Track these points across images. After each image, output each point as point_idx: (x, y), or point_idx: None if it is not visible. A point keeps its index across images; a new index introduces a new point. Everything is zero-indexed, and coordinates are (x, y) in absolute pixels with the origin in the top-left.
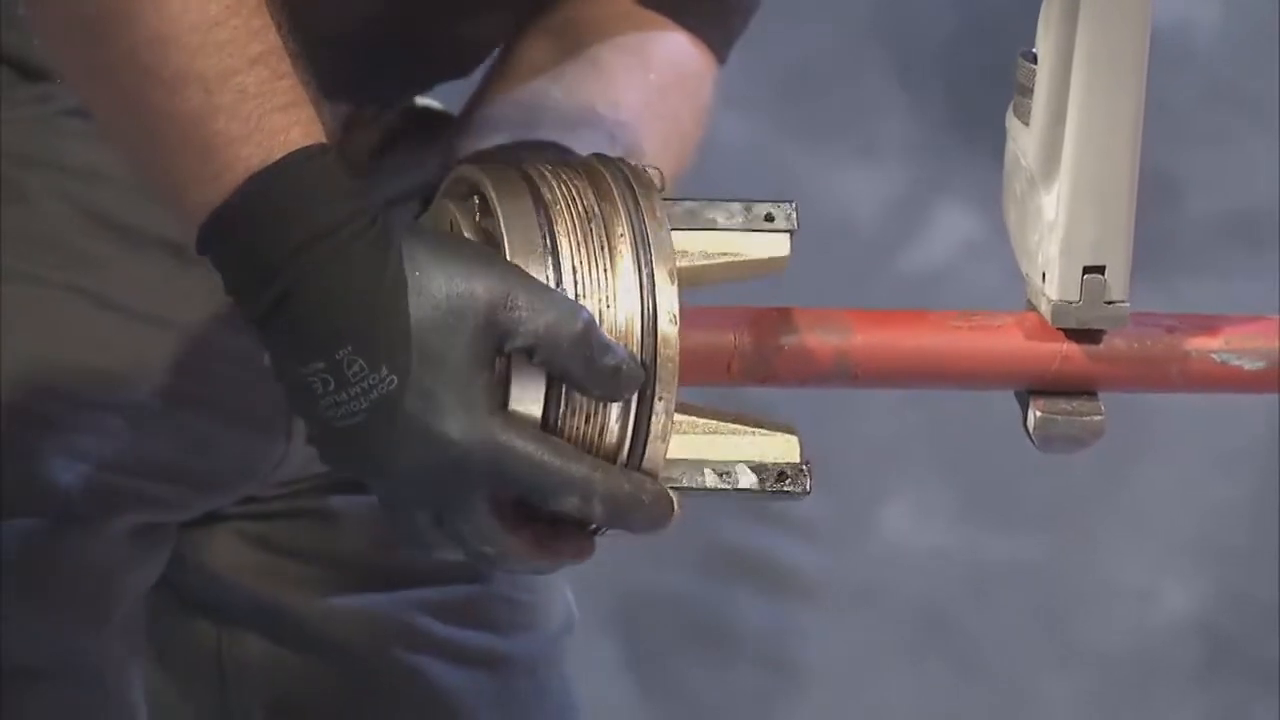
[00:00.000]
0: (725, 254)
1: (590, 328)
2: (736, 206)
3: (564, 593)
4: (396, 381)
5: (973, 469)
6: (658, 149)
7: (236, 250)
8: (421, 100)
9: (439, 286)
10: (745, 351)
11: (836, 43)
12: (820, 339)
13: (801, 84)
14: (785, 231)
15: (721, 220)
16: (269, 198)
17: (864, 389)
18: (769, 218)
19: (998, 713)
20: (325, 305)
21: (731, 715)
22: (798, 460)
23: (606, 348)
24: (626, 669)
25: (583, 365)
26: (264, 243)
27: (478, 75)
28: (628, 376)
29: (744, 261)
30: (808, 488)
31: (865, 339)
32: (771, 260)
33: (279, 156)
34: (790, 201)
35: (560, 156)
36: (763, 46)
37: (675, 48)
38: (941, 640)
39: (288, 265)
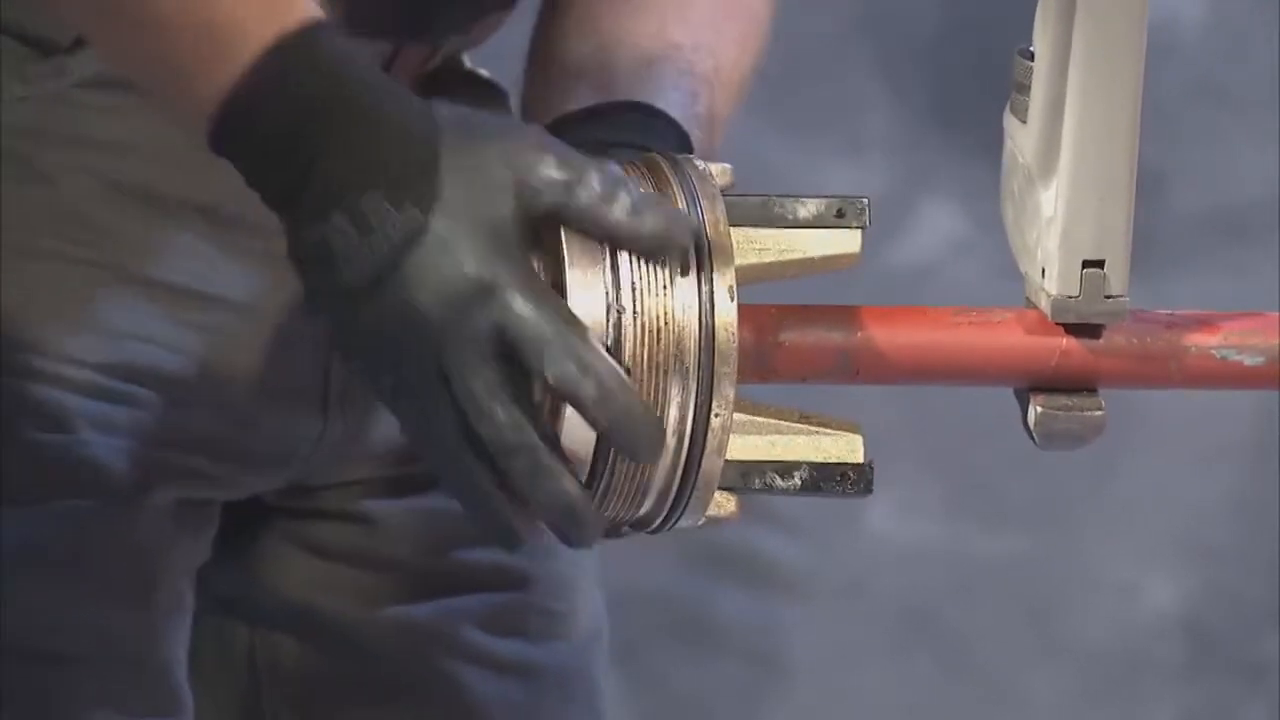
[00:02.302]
0: (795, 250)
1: (621, 179)
2: (808, 202)
3: (595, 598)
4: (421, 219)
5: (958, 464)
6: (735, 52)
7: (260, 126)
8: (469, 66)
9: (468, 139)
10: (746, 348)
11: (822, 38)
12: (822, 335)
13: (786, 79)
14: (858, 228)
15: (791, 216)
16: (290, 67)
17: (862, 385)
18: (840, 213)
19: (982, 708)
20: (353, 153)
21: (716, 710)
22: (861, 460)
23: (640, 193)
24: (611, 664)
25: (621, 211)
26: (291, 110)
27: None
28: (674, 219)
29: (814, 258)
30: (870, 488)
31: (866, 335)
32: (842, 257)
33: (294, 28)
34: (864, 198)
35: (630, 150)
36: None
37: None
38: (926, 636)
39: (316, 126)
